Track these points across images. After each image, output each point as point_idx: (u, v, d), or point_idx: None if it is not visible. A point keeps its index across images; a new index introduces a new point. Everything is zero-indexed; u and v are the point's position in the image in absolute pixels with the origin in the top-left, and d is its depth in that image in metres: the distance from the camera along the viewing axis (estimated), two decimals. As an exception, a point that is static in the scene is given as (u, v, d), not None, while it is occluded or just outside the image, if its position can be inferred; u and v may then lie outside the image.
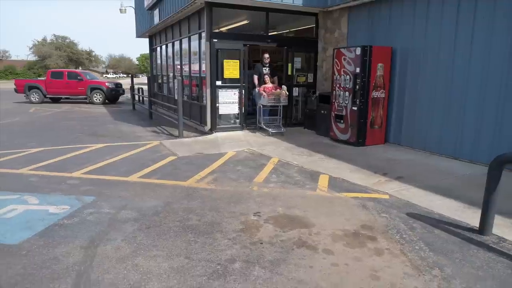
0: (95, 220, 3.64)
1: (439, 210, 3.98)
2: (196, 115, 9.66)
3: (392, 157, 6.39)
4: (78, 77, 17.83)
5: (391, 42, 7.23)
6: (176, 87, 9.31)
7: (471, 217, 3.72)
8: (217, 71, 8.47)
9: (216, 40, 8.31)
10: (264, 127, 8.41)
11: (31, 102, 17.67)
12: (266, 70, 8.58)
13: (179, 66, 11.18)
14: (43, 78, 18.80)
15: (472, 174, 5.32)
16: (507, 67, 5.36)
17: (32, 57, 66.96)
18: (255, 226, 3.53)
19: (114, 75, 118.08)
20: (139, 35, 15.64)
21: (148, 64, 62.52)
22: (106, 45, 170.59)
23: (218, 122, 8.79)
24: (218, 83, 8.54)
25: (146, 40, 16.14)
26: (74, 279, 2.59)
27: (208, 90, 8.55)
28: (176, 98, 10.80)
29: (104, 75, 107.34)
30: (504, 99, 5.44)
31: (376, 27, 7.61)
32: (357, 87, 7.02)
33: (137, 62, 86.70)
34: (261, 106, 8.39)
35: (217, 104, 8.68)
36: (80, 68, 59.32)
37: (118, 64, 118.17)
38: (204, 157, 6.40)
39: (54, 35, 60.79)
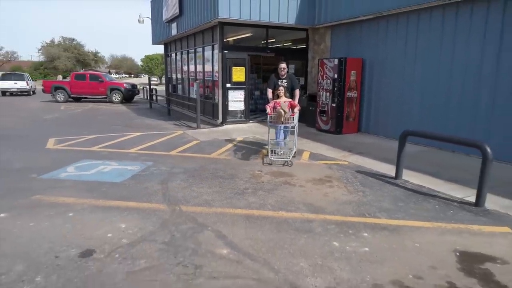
0: (159, 173, 5.83)
1: (378, 169, 6.16)
2: (209, 111, 11.84)
3: (359, 141, 8.58)
4: (99, 79, 20.05)
5: (362, 54, 9.42)
6: (195, 89, 11.47)
7: (402, 174, 5.88)
8: (227, 75, 10.66)
9: (226, 51, 10.50)
10: (269, 151, 6.45)
11: (57, 101, 19.87)
12: (282, 82, 7.15)
13: (193, 71, 13.37)
14: (67, 80, 20.99)
15: (412, 151, 7.44)
16: (438, 73, 7.54)
17: (36, 58, 69.12)
18: (258, 176, 5.71)
19: (117, 75, 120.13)
20: (155, 42, 17.83)
21: (152, 65, 64.71)
22: (106, 45, 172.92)
23: (227, 116, 10.98)
24: (228, 85, 10.73)
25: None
26: (162, 195, 4.78)
27: (220, 91, 10.74)
28: (191, 97, 13.02)
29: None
30: (437, 99, 7.61)
31: (352, 42, 9.80)
32: (336, 89, 9.21)
33: (140, 63, 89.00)
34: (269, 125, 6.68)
35: (227, 102, 10.87)
36: (83, 69, 61.69)
37: (120, 64, 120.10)
38: (219, 141, 8.59)
39: (62, 37, 62.93)
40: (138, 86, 22.23)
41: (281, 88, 6.80)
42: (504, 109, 6.41)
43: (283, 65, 7.27)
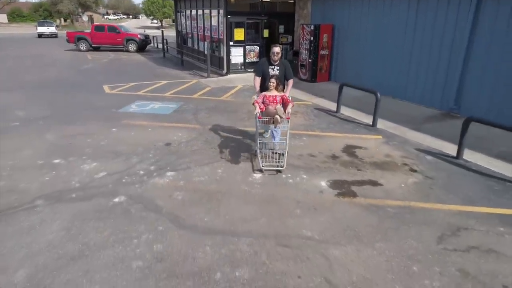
0: (189, 109, 9.26)
1: (329, 107, 9.58)
2: (216, 63, 14.96)
3: (327, 88, 11.90)
4: (116, 30, 22.72)
5: (333, 21, 12.37)
6: (205, 46, 14.49)
7: (341, 109, 9.29)
8: (230, 35, 13.65)
9: (229, 16, 13.40)
10: (258, 155, 5.81)
11: (79, 50, 22.73)
12: (274, 69, 6.15)
13: (202, 27, 16.23)
14: (88, 31, 23.59)
15: (359, 95, 10.78)
16: (380, 39, 10.64)
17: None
18: (252, 110, 9.14)
19: (115, 17, 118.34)
20: (166, -2, 20.24)
21: (153, 8, 65.12)
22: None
23: (230, 67, 14.15)
24: (231, 43, 13.77)
25: None
26: (195, 120, 8.25)
27: (225, 48, 13.82)
28: (200, 50, 16.04)
29: (105, 17, 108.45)
30: (380, 57, 10.80)
31: (326, 10, 12.69)
32: (312, 48, 12.31)
33: (138, 2, 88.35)
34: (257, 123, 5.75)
35: (230, 56, 13.99)
36: (82, 12, 62.45)
37: (118, 5, 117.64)
38: (226, 87, 11.91)
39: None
40: (142, 31, 24.84)
41: (272, 80, 5.81)
42: (415, 67, 9.65)
43: (277, 48, 6.07)
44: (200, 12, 16.17)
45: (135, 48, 22.68)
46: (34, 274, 3.40)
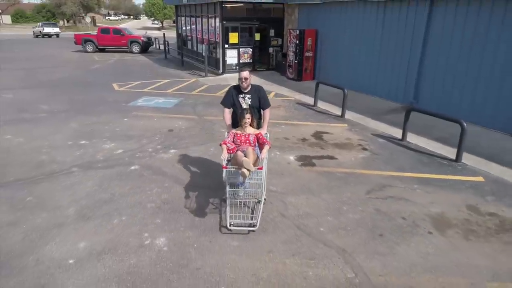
0: (189, 103, 10.80)
1: (308, 102, 11.12)
2: (213, 63, 16.50)
3: (310, 86, 13.40)
4: (121, 33, 24.26)
5: (316, 27, 13.91)
6: (203, 49, 16.03)
7: (318, 104, 10.82)
8: (225, 38, 15.20)
9: (225, 22, 14.95)
10: (228, 211, 4.64)
11: (86, 51, 24.26)
12: (245, 98, 5.01)
13: (200, 31, 17.78)
14: (94, 33, 25.14)
15: (337, 92, 12.30)
16: (354, 43, 12.18)
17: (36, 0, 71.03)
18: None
19: (116, 18, 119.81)
20: (168, 3, 21.79)
21: (154, 9, 66.65)
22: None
23: (225, 67, 15.70)
24: (226, 45, 15.32)
25: None
26: (194, 112, 9.81)
27: (221, 50, 15.36)
28: (199, 51, 17.58)
29: (107, 18, 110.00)
30: (355, 59, 12.34)
31: (310, 17, 14.23)
32: (297, 50, 13.85)
33: (138, 2, 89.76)
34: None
35: (225, 58, 15.54)
36: (82, 11, 64.17)
37: (118, 6, 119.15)
38: (221, 85, 13.45)
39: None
40: (144, 33, 26.37)
41: (247, 116, 4.72)
42: (383, 67, 11.19)
43: (245, 73, 4.87)
44: (199, 16, 17.71)
45: (138, 49, 24.22)
46: (80, 210, 4.94)
